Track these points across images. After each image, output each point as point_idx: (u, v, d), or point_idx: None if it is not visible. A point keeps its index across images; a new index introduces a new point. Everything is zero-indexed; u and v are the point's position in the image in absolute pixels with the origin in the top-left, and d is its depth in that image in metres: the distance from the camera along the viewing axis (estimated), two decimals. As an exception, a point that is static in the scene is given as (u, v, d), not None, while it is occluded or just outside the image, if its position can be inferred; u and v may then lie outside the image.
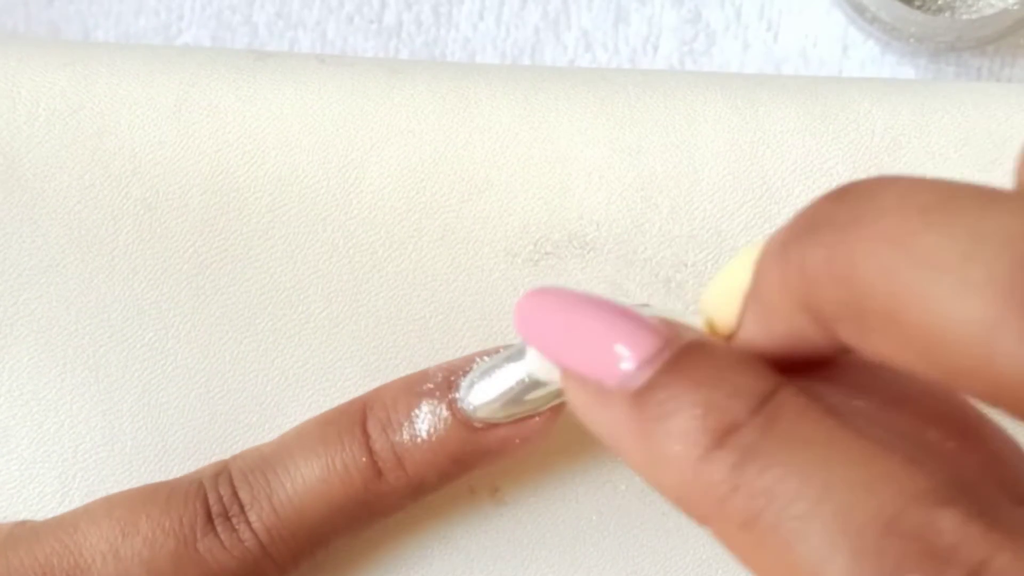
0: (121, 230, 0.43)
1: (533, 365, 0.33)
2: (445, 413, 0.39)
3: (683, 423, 0.26)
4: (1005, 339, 0.23)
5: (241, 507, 0.39)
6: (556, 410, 0.39)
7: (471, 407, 0.39)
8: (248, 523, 0.39)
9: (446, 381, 0.39)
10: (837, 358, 0.29)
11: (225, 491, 0.39)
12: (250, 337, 0.43)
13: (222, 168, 0.43)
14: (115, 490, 0.42)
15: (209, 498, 0.39)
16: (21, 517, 0.42)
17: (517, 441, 0.39)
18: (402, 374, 0.43)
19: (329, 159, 0.43)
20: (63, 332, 0.43)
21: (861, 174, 0.43)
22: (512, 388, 0.38)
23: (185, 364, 0.43)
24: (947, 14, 0.50)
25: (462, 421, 0.39)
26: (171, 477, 0.42)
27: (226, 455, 0.42)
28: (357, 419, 0.40)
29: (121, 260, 0.43)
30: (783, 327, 0.28)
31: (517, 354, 0.38)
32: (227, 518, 0.39)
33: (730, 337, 0.29)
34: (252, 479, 0.39)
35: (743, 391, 0.27)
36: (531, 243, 0.43)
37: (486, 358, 0.39)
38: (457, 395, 0.39)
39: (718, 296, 0.29)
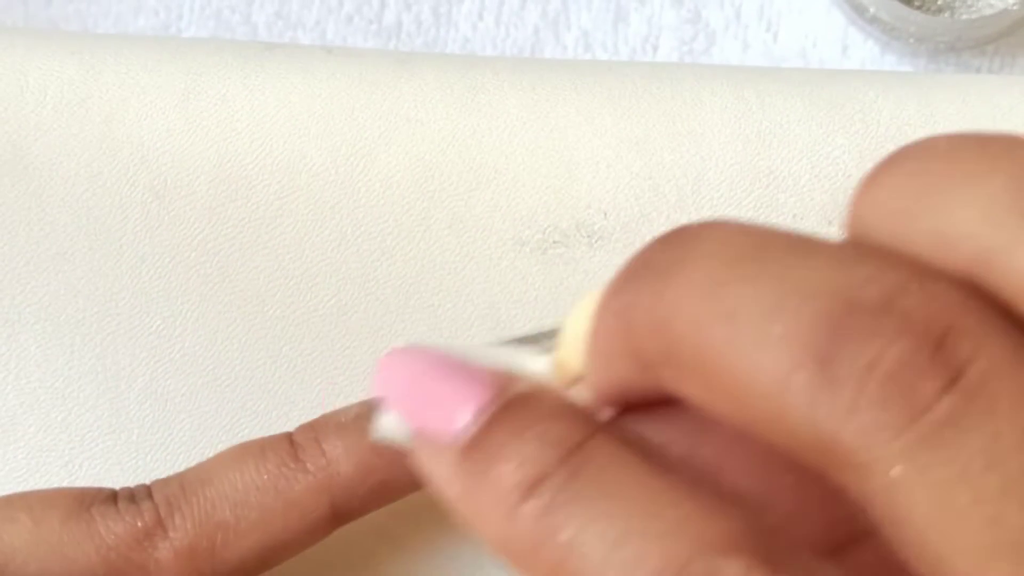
0: (129, 218, 0.43)
1: (389, 425, 0.34)
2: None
3: (499, 475, 0.27)
4: (795, 393, 0.23)
5: (148, 491, 0.39)
6: None
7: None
8: (151, 497, 0.38)
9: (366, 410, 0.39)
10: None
11: (138, 490, 0.39)
12: (258, 325, 0.43)
13: (230, 157, 0.43)
14: (121, 478, 0.42)
15: (118, 493, 0.39)
16: (27, 505, 0.42)
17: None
18: (410, 363, 0.43)
19: (337, 148, 0.43)
20: (70, 320, 0.43)
21: (867, 164, 0.43)
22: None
23: (192, 352, 0.43)
24: (947, 14, 0.50)
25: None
26: (177, 466, 0.42)
27: (232, 443, 0.42)
28: (286, 446, 0.40)
29: (128, 248, 0.43)
30: (617, 371, 0.28)
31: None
32: (131, 497, 0.38)
33: (578, 380, 0.30)
34: (168, 490, 0.39)
35: (555, 440, 0.27)
36: (539, 232, 0.43)
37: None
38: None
39: (569, 338, 0.30)
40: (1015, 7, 0.49)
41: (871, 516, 0.24)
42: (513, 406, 0.28)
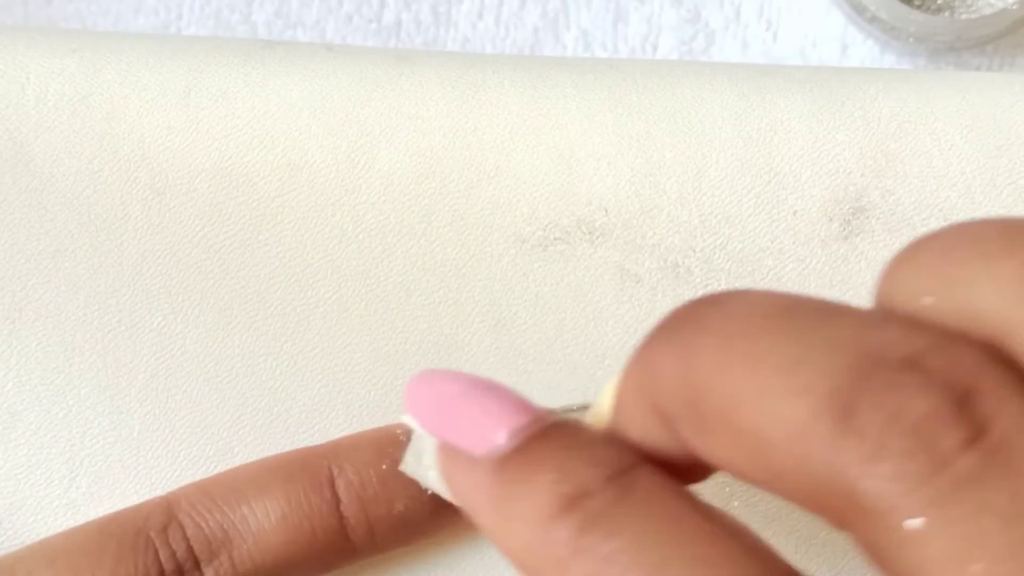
0: (130, 215, 0.43)
1: (421, 444, 0.35)
2: (422, 489, 0.38)
3: (538, 486, 0.27)
4: (817, 441, 0.24)
5: (197, 563, 0.38)
6: None
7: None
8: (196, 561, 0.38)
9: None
10: None
11: (178, 545, 0.38)
12: (258, 322, 0.43)
13: (231, 154, 0.43)
14: (121, 476, 0.42)
15: (161, 554, 0.38)
16: (28, 502, 0.42)
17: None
18: (411, 360, 0.42)
19: (338, 145, 0.43)
20: (71, 317, 0.42)
21: (868, 161, 0.43)
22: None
23: (193, 349, 0.43)
24: (946, 14, 0.50)
25: (435, 496, 0.39)
26: (178, 463, 0.42)
27: (234, 441, 0.42)
28: (324, 478, 0.39)
29: (129, 245, 0.43)
30: (643, 429, 0.29)
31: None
32: (182, 574, 0.38)
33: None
34: (208, 530, 0.38)
35: (601, 461, 0.27)
36: (540, 229, 0.43)
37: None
38: None
39: (603, 399, 0.31)
40: (1014, 6, 0.49)
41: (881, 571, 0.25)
42: (556, 428, 0.29)
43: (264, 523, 0.39)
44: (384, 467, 0.39)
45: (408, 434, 0.38)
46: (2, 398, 0.42)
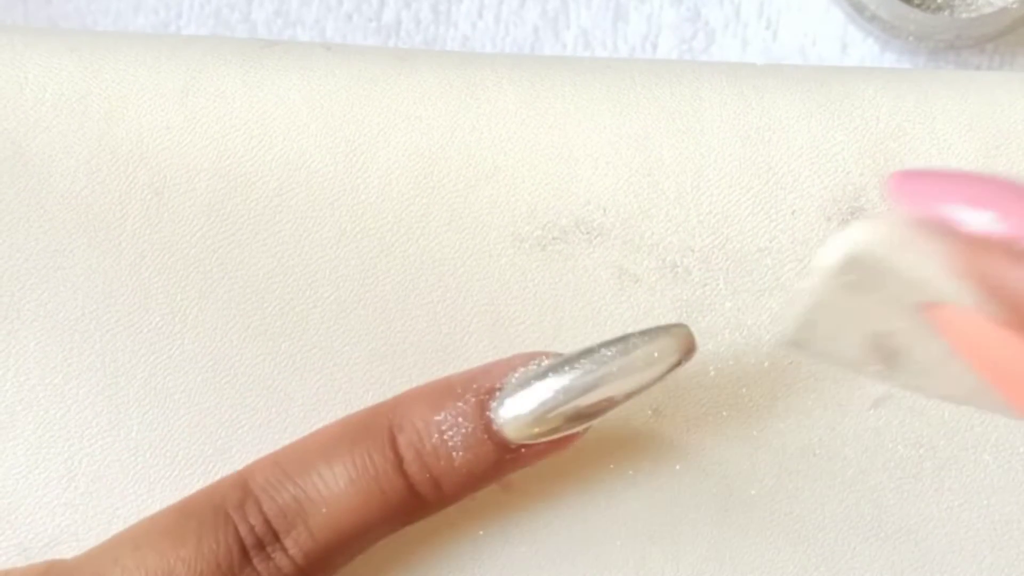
0: (128, 215, 0.43)
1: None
2: (482, 436, 0.39)
3: None
4: None
5: (276, 535, 0.39)
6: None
7: (504, 422, 0.39)
8: (285, 551, 0.38)
9: (478, 399, 0.39)
10: None
11: (256, 520, 0.38)
12: (257, 322, 0.43)
13: (229, 153, 0.43)
14: (121, 476, 0.42)
15: (240, 530, 0.38)
16: (27, 502, 0.42)
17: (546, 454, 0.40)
18: (409, 359, 0.43)
19: (336, 144, 0.43)
20: (69, 317, 0.43)
21: (867, 160, 0.43)
22: (550, 401, 0.38)
23: (191, 349, 0.43)
24: (946, 12, 0.50)
25: (498, 443, 0.39)
26: (176, 463, 0.42)
27: (232, 440, 0.42)
28: (386, 437, 0.39)
29: (128, 245, 0.43)
30: None
31: (559, 365, 0.38)
32: (262, 548, 0.38)
33: None
34: (282, 502, 0.39)
35: None
36: (538, 228, 0.43)
37: (521, 369, 0.39)
38: (490, 415, 0.39)
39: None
40: (1014, 5, 0.49)
41: None
42: None
43: (334, 489, 0.39)
44: (439, 418, 0.39)
45: (468, 382, 0.39)
46: (1, 398, 0.42)
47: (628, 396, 0.38)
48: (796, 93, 0.44)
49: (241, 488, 0.39)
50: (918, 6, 0.50)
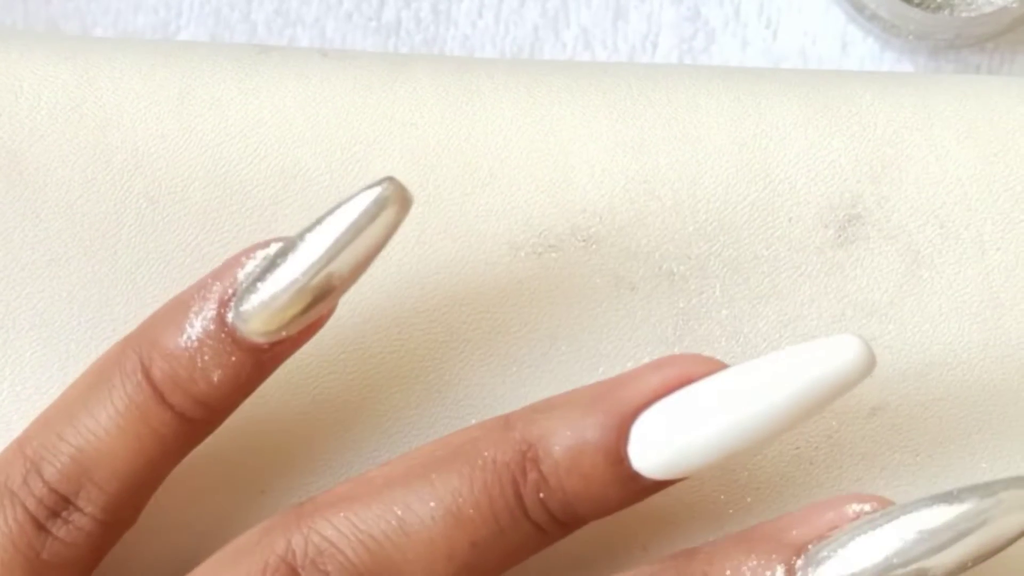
0: (123, 223, 0.43)
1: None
2: (232, 348, 0.38)
3: None
4: None
5: (67, 499, 0.38)
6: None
7: (247, 330, 0.38)
8: (81, 511, 0.38)
9: (217, 313, 0.38)
10: None
11: (41, 492, 0.38)
12: (252, 330, 0.43)
13: (225, 161, 0.43)
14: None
15: (28, 505, 0.38)
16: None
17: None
18: (404, 369, 0.42)
19: (332, 152, 0.43)
20: (65, 326, 0.43)
21: (864, 166, 0.43)
22: (281, 294, 0.37)
23: (188, 358, 0.43)
24: (946, 11, 0.50)
25: (249, 350, 0.38)
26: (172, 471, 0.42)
27: (222, 446, 0.42)
28: (140, 373, 0.38)
29: (123, 254, 0.43)
30: None
31: (279, 255, 0.37)
32: (57, 515, 0.38)
33: None
34: (61, 466, 0.38)
35: None
36: (534, 236, 0.43)
37: (247, 264, 0.38)
38: (232, 323, 0.38)
39: None
40: (1014, 5, 0.49)
41: None
42: None
43: (106, 439, 0.38)
44: (183, 341, 0.38)
45: (202, 294, 0.38)
46: (-4, 408, 0.42)
47: (354, 270, 0.37)
48: (793, 98, 0.44)
49: (21, 460, 0.39)
50: (918, 5, 0.50)
